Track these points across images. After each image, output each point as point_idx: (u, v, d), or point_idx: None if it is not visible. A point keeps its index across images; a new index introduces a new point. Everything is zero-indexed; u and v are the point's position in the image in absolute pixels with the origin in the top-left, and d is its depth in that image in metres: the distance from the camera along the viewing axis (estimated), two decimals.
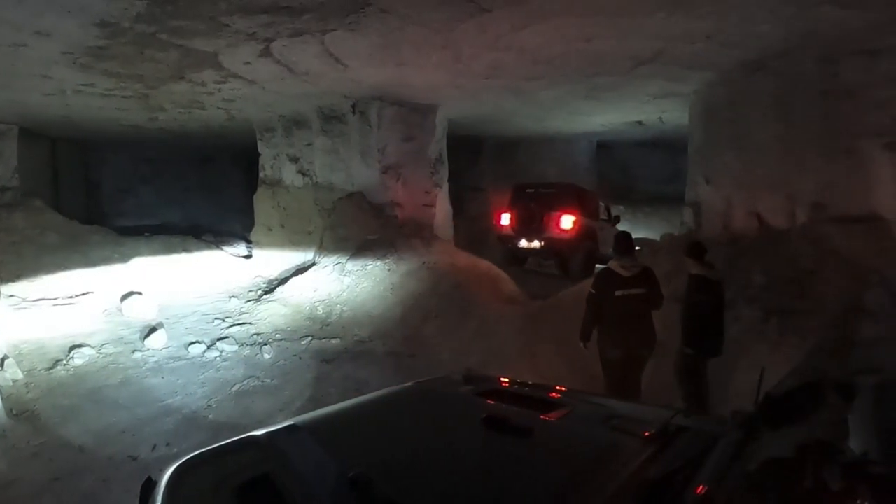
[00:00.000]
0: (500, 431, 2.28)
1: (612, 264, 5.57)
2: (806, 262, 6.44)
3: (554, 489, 1.92)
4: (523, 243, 12.06)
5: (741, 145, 7.75)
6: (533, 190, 12.62)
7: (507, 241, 12.49)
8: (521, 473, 2.06)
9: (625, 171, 19.69)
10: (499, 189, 16.00)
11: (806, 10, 5.42)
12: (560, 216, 11.53)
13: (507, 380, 3.57)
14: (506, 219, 12.53)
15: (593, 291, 5.57)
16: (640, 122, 13.24)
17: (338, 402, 3.15)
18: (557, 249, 11.71)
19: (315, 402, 6.29)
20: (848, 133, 6.59)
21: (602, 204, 13.56)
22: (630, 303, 5.40)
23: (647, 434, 2.19)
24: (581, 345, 5.65)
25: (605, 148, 18.80)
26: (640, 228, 15.17)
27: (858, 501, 1.36)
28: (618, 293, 5.40)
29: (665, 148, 18.13)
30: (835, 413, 1.86)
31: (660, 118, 12.35)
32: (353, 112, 10.31)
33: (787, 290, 6.26)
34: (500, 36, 6.38)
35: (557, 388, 3.55)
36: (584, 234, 11.77)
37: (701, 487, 1.75)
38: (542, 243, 11.75)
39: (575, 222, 11.52)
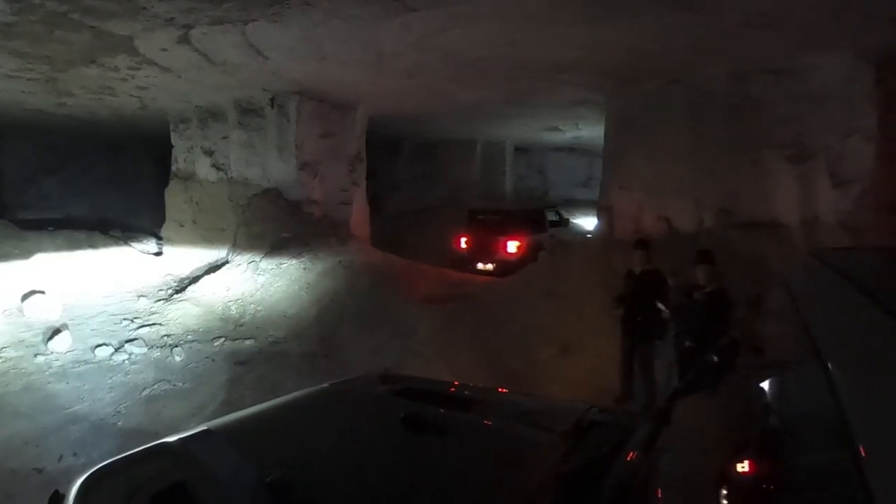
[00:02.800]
0: (418, 431, 2.29)
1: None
2: None
3: (473, 486, 1.93)
4: (479, 265, 13.10)
5: (653, 153, 8.09)
6: (483, 217, 14.04)
7: (466, 262, 13.43)
8: (440, 472, 2.07)
9: (542, 174, 20.14)
10: (416, 195, 16.51)
11: (721, 30, 5.71)
12: (506, 241, 12.79)
13: (425, 379, 3.57)
14: (463, 242, 13.91)
15: None
16: (557, 128, 13.55)
17: (253, 405, 3.07)
18: (507, 271, 12.28)
19: (229, 406, 6.20)
20: (753, 145, 7.10)
21: (554, 211, 15.21)
22: None
23: (562, 429, 2.23)
24: None
25: (523, 152, 19.22)
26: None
27: None
28: None
29: (581, 153, 18.65)
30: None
31: (576, 124, 12.68)
32: (272, 106, 10.10)
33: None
34: (424, 36, 6.38)
35: (475, 386, 3.60)
36: (530, 252, 12.36)
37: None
38: (494, 265, 12.72)
39: (519, 246, 12.75)
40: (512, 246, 12.70)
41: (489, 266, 12.83)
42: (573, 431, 2.21)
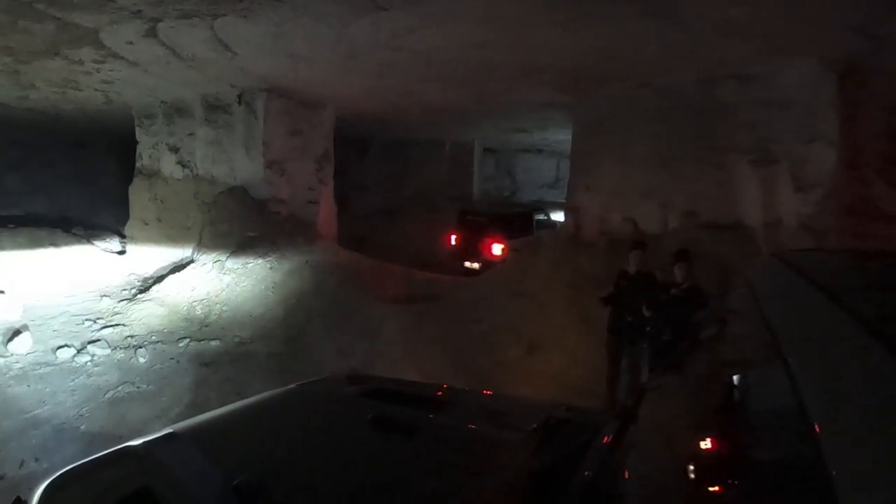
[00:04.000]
0: (386, 431, 2.31)
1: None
2: None
3: (441, 486, 1.95)
4: (467, 263, 13.70)
5: (620, 155, 8.20)
6: (472, 218, 14.59)
7: (456, 259, 14.19)
8: (408, 472, 2.08)
9: (510, 175, 20.24)
10: (385, 195, 16.91)
11: (689, 36, 5.81)
12: (491, 243, 13.21)
13: (392, 380, 3.57)
14: (454, 240, 14.61)
15: None
16: (526, 130, 13.64)
17: (219, 406, 3.06)
18: None
19: (194, 408, 6.15)
20: (719, 149, 7.24)
21: (543, 213, 15.68)
22: None
23: (530, 428, 2.24)
24: None
25: (491, 152, 19.27)
26: None
27: None
28: None
29: (549, 154, 18.78)
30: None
31: (545, 126, 12.77)
32: (239, 102, 9.98)
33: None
34: (394, 35, 6.35)
35: (443, 386, 3.61)
36: None
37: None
38: (480, 264, 13.13)
39: (504, 249, 12.87)
40: (497, 249, 13.05)
41: (476, 265, 13.33)
42: (541, 430, 2.23)
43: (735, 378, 1.82)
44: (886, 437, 0.74)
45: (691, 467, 1.61)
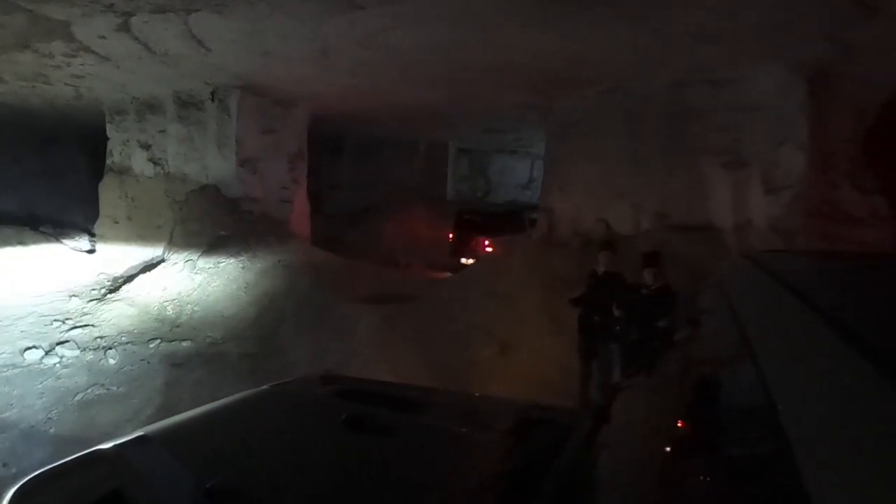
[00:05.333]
0: (360, 432, 2.30)
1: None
2: None
3: (416, 487, 1.95)
4: (462, 260, 14.31)
5: (593, 157, 8.31)
6: (468, 216, 15.59)
7: (454, 254, 15.02)
8: (384, 472, 2.08)
9: (484, 175, 20.30)
10: (358, 194, 17.38)
11: (662, 40, 5.87)
12: (484, 241, 13.98)
13: (366, 380, 3.57)
14: (451, 238, 15.53)
15: None
16: (500, 130, 13.71)
17: (190, 408, 3.01)
18: None
19: (166, 410, 6.06)
20: (691, 151, 7.38)
21: (536, 211, 15.83)
22: None
23: (504, 428, 2.25)
24: None
25: (465, 153, 19.32)
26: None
27: None
28: None
29: (523, 155, 18.87)
30: None
31: (519, 127, 12.85)
32: (212, 99, 9.88)
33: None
34: (370, 34, 6.35)
35: (417, 386, 3.61)
36: None
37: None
38: (474, 261, 13.32)
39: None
40: (490, 246, 13.76)
41: (470, 261, 13.66)
42: (515, 430, 2.25)
43: (706, 377, 1.85)
44: (853, 433, 0.76)
45: (663, 465, 1.63)
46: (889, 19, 5.07)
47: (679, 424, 1.81)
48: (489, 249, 13.52)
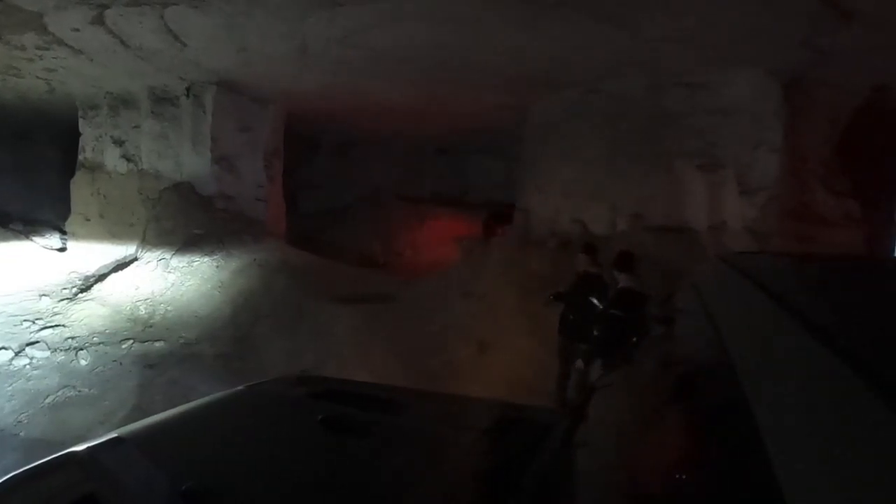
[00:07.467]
0: (337, 432, 2.28)
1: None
2: None
3: (393, 487, 1.94)
4: None
5: (570, 158, 8.37)
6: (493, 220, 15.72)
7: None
8: (361, 473, 2.06)
9: (462, 175, 20.30)
10: (335, 193, 17.52)
11: (641, 43, 5.92)
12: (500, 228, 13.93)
13: (343, 380, 3.55)
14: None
15: None
16: (478, 131, 13.75)
17: (164, 410, 2.97)
18: None
19: (139, 412, 5.98)
20: (667, 153, 7.47)
21: None
22: None
23: (481, 428, 2.25)
24: None
25: (443, 153, 19.31)
26: None
27: None
28: None
29: (501, 156, 18.90)
30: None
31: (497, 128, 12.88)
32: (188, 95, 9.79)
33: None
34: (349, 33, 6.34)
35: (394, 387, 3.59)
36: None
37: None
38: None
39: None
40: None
41: None
42: (492, 430, 2.24)
43: (682, 376, 1.85)
44: (827, 430, 0.77)
45: (640, 464, 1.63)
46: (863, 26, 5.16)
47: (654, 424, 1.81)
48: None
